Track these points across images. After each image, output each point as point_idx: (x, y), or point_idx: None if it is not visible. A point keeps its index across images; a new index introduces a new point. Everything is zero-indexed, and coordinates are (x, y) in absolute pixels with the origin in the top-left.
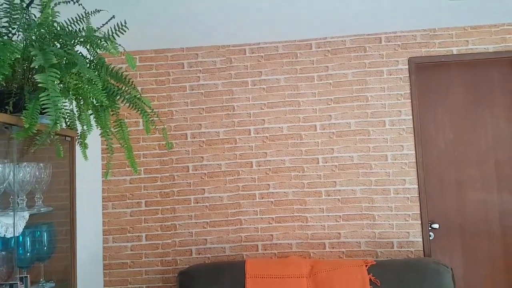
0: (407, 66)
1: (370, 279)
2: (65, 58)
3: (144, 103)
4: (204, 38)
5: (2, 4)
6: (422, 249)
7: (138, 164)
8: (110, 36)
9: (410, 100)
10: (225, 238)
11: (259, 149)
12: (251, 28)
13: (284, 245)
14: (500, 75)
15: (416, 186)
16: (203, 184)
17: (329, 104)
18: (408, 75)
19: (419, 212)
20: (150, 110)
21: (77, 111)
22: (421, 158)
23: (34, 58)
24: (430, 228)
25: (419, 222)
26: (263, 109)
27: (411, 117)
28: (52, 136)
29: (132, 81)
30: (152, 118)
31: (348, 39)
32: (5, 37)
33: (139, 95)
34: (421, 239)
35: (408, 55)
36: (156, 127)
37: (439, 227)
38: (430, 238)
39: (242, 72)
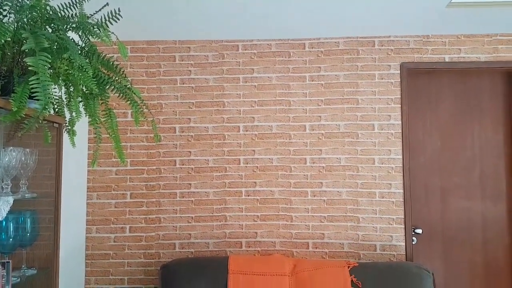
0: (399, 71)
1: (351, 281)
2: (56, 42)
3: (135, 93)
4: (197, 31)
5: None
6: (404, 253)
7: (125, 155)
8: (103, 24)
9: (400, 105)
10: (209, 233)
11: (247, 147)
12: (244, 24)
13: (267, 243)
14: (490, 85)
15: (402, 191)
16: (190, 178)
17: (320, 105)
18: (399, 80)
19: (403, 216)
20: (140, 101)
21: (66, 98)
22: (408, 163)
23: (25, 40)
24: (413, 233)
25: (403, 226)
26: (254, 106)
27: (400, 122)
28: (40, 121)
29: (123, 71)
30: (141, 109)
31: (341, 41)
32: None
33: (129, 85)
34: (404, 243)
35: (401, 60)
36: (146, 119)
37: (422, 232)
38: (413, 242)
39: (234, 68)
